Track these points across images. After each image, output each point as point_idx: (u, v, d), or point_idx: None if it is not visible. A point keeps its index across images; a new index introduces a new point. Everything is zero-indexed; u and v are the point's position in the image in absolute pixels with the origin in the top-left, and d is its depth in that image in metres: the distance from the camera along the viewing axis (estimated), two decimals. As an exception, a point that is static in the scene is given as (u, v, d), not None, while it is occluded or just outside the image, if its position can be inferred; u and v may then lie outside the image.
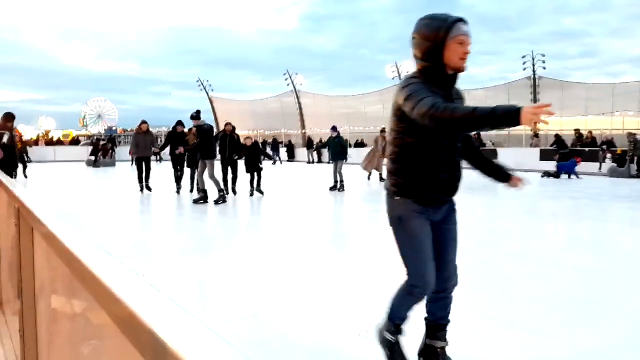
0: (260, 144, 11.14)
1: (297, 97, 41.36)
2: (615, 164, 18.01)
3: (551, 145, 19.68)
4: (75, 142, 37.92)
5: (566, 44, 57.52)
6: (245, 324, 3.22)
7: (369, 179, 14.94)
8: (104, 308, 0.82)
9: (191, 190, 10.86)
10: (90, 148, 26.80)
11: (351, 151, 29.81)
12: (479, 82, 32.42)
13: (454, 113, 1.99)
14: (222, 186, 9.61)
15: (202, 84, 46.89)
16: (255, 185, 10.52)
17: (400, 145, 2.33)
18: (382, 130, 15.19)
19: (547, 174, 16.69)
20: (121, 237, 6.41)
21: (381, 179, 14.49)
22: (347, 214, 8.96)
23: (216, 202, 9.33)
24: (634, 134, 18.14)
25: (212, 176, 9.39)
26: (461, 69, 2.30)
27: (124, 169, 23.46)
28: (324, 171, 12.00)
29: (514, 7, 61.64)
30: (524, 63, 28.55)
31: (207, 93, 47.31)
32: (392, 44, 69.25)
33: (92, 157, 24.69)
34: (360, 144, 30.83)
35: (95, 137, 33.36)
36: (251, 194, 10.49)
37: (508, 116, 1.92)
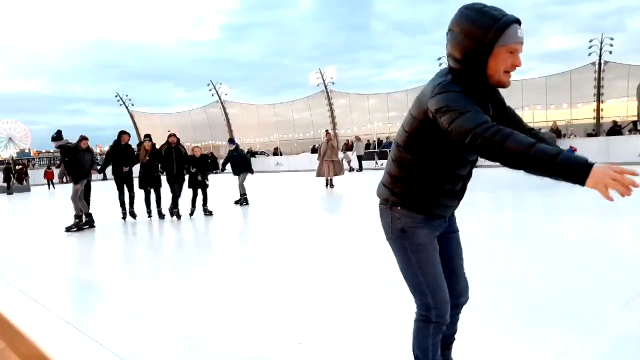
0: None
1: (224, 108, 40.82)
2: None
3: None
4: (-17, 168, 35.08)
5: (476, 44, 60.96)
6: (181, 345, 3.12)
7: (328, 186, 14.55)
8: (14, 350, 0.77)
9: (149, 215, 9.76)
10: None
11: (283, 159, 30.02)
12: (399, 85, 33.65)
13: (504, 141, 1.56)
14: (80, 213, 8.80)
15: (122, 99, 45.11)
16: (201, 204, 9.73)
17: (415, 152, 1.92)
18: (327, 132, 15.23)
19: None
20: (42, 269, 6.00)
21: (330, 184, 14.60)
22: (277, 224, 8.93)
23: (67, 228, 8.68)
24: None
25: (73, 198, 8.78)
26: (504, 85, 1.84)
27: (41, 193, 22.06)
28: (250, 183, 11.68)
29: (426, 13, 64.86)
30: (440, 65, 29.97)
31: (127, 108, 45.55)
32: (314, 51, 70.43)
33: (4, 184, 22.99)
34: (316, 150, 30.76)
35: (7, 162, 31.01)
36: (191, 214, 9.66)
37: (571, 171, 1.48)
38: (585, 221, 7.03)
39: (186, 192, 9.78)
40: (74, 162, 8.89)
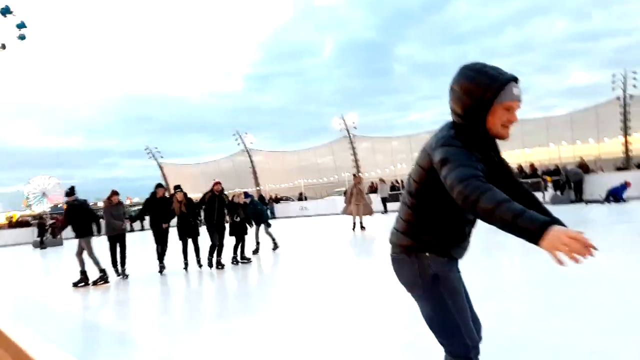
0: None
1: (250, 156, 41.56)
2: (558, 192, 19.07)
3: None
4: (19, 224, 36.16)
5: (499, 84, 61.00)
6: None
7: (355, 229, 14.63)
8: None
9: (186, 267, 9.53)
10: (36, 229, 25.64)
11: (308, 204, 30.10)
12: (422, 127, 33.78)
13: (479, 199, 1.66)
14: (102, 266, 8.85)
15: (151, 151, 46.45)
16: (239, 251, 9.70)
17: (426, 199, 1.98)
18: (355, 176, 15.46)
19: (589, 201, 17.24)
20: (76, 322, 6.08)
21: (361, 226, 14.71)
22: (309, 270, 8.89)
23: (95, 282, 8.75)
24: (565, 167, 19.96)
25: (90, 254, 8.79)
26: (502, 138, 1.96)
27: (73, 247, 22.55)
28: (277, 228, 11.71)
29: (448, 54, 65.78)
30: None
31: (156, 160, 46.82)
32: (336, 96, 71.72)
33: (38, 239, 23.61)
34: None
35: (40, 216, 31.95)
36: (236, 262, 9.57)
37: (527, 232, 1.56)
38: (616, 260, 6.78)
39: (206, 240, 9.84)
40: (76, 219, 8.88)
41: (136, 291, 8.08)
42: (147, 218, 9.92)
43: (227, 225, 9.82)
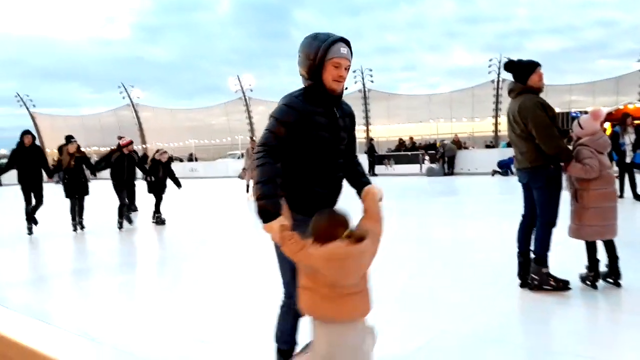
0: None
1: (135, 111, 39.24)
2: (433, 165, 20.88)
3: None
4: None
5: (390, 58, 63.91)
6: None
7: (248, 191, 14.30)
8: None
9: (75, 229, 8.74)
10: None
11: (198, 165, 29.37)
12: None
13: (258, 169, 2.14)
14: None
15: (22, 99, 41.85)
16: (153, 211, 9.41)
17: (284, 158, 2.27)
18: (252, 139, 15.36)
19: (495, 172, 18.35)
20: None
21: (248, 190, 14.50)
22: (197, 231, 8.94)
23: None
24: (443, 141, 21.81)
25: None
26: (335, 92, 2.26)
27: None
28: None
29: (343, 25, 66.69)
30: (354, 77, 31.02)
31: (27, 109, 42.34)
32: (232, 55, 69.51)
33: None
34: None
35: None
36: (159, 221, 9.37)
37: (262, 215, 2.06)
38: (483, 224, 7.78)
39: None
40: None
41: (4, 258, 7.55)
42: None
43: (139, 185, 9.51)
